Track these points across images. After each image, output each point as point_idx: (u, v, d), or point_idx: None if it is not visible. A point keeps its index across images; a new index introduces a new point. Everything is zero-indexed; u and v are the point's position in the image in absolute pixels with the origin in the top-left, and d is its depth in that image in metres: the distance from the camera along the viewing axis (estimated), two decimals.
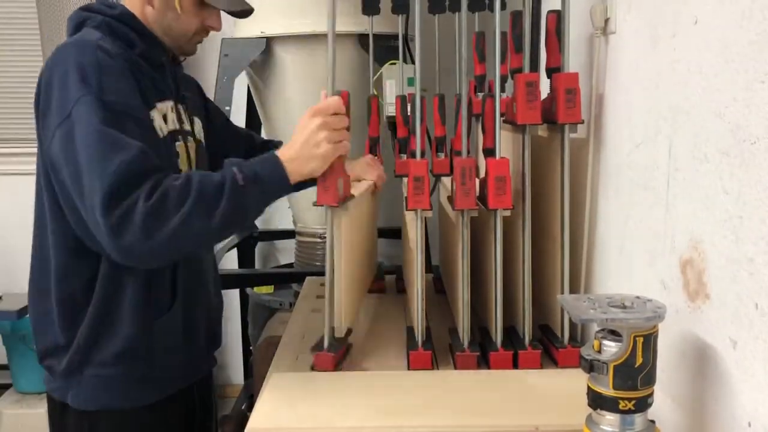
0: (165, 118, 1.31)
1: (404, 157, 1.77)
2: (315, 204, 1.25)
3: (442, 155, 1.75)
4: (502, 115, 1.32)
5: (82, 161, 1.12)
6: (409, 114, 1.72)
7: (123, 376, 1.30)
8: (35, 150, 1.27)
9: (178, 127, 1.35)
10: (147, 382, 1.33)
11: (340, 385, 1.22)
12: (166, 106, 1.32)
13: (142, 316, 1.29)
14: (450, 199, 1.36)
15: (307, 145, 1.19)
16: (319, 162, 1.20)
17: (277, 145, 1.69)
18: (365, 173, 1.65)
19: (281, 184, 1.20)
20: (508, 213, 1.29)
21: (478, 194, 1.31)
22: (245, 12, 1.41)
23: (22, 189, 3.26)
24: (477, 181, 1.31)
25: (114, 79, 1.18)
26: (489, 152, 1.31)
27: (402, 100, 1.79)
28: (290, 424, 1.06)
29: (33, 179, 1.31)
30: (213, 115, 1.64)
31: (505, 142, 1.46)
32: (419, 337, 1.35)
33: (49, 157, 1.19)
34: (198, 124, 1.47)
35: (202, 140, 1.47)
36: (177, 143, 1.34)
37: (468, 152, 1.32)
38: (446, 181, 1.71)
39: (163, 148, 1.27)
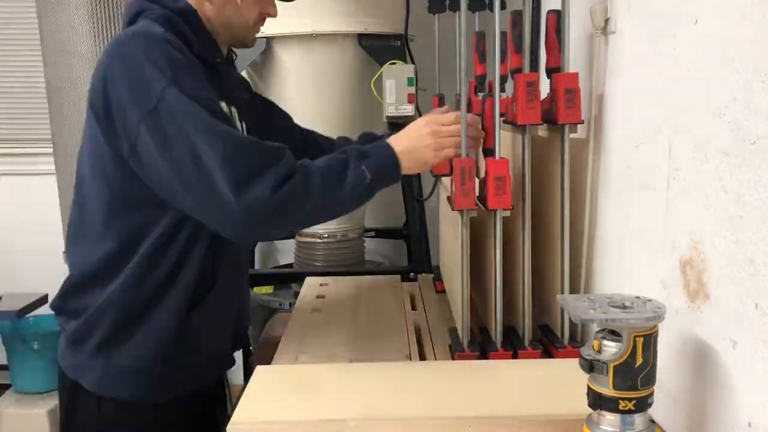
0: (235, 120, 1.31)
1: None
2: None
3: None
4: (502, 115, 1.32)
5: (184, 152, 1.11)
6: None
7: (150, 369, 1.27)
8: (35, 150, 1.26)
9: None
10: (172, 378, 1.30)
11: (327, 377, 1.21)
12: (221, 105, 1.29)
13: (182, 311, 1.27)
14: (449, 199, 1.36)
15: (412, 146, 1.28)
16: (420, 164, 1.29)
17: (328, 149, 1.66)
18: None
19: (395, 177, 1.27)
20: (507, 213, 1.29)
21: (477, 194, 1.31)
22: None
23: (23, 189, 3.27)
24: (477, 181, 1.30)
25: (186, 74, 1.16)
26: (489, 152, 1.31)
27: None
28: (273, 417, 1.05)
29: (33, 179, 1.30)
30: (272, 115, 1.63)
31: (505, 142, 1.46)
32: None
33: (133, 153, 1.16)
34: (243, 127, 1.44)
35: None
36: None
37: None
38: (445, 181, 1.71)
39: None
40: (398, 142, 1.28)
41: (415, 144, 1.28)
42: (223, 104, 1.28)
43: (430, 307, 1.71)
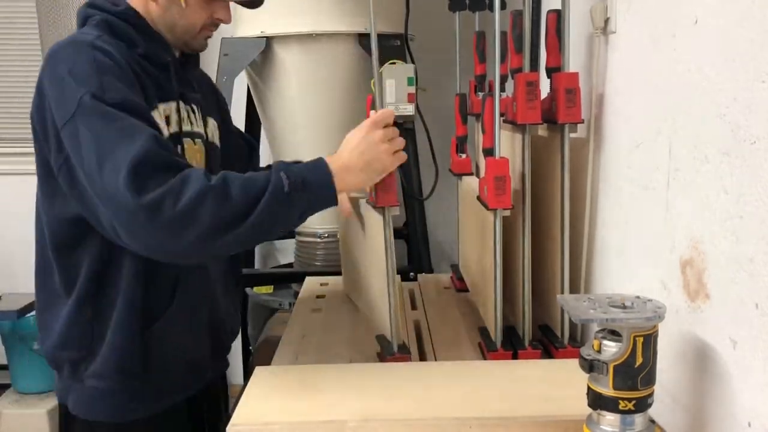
0: (168, 119, 1.26)
1: (463, 156, 1.77)
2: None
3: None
4: (502, 115, 1.32)
5: (94, 157, 1.07)
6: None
7: (119, 387, 1.26)
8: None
9: (178, 129, 1.29)
10: (144, 394, 1.28)
11: (326, 377, 1.20)
12: (170, 107, 1.27)
13: (134, 324, 1.23)
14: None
15: (364, 157, 1.17)
16: (376, 174, 1.20)
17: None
18: None
19: (328, 195, 1.14)
20: (507, 213, 1.29)
21: (477, 194, 1.32)
22: (257, 2, 1.37)
23: (22, 189, 3.26)
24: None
25: (112, 77, 1.14)
26: (488, 152, 1.31)
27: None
28: (272, 419, 1.04)
29: (33, 179, 1.29)
30: (227, 116, 1.60)
31: (505, 142, 1.46)
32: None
33: (63, 166, 1.15)
34: (212, 124, 1.42)
35: (216, 142, 1.42)
36: (179, 146, 1.28)
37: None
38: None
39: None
40: (340, 156, 1.18)
41: (366, 156, 1.18)
42: (173, 104, 1.27)
43: (430, 306, 1.71)
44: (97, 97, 1.10)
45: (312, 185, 1.12)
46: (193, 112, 1.35)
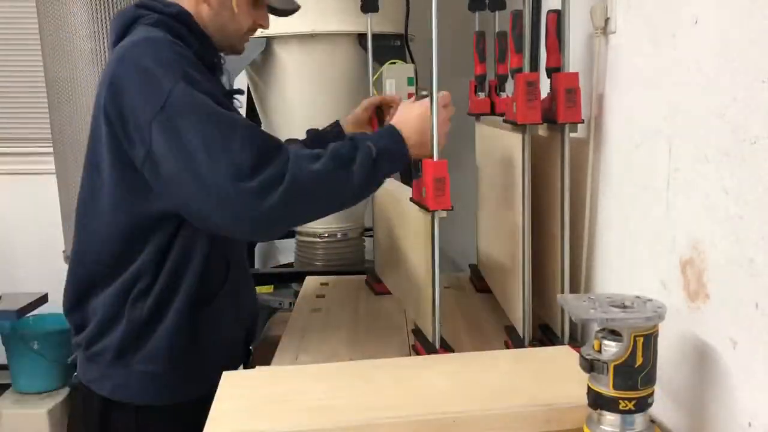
0: None
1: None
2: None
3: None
4: (501, 114, 1.32)
5: (194, 147, 1.11)
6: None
7: (169, 371, 1.29)
8: (35, 150, 1.26)
9: None
10: (192, 377, 1.31)
11: (299, 379, 1.15)
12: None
13: (190, 310, 1.28)
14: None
15: (426, 135, 1.27)
16: (428, 149, 1.28)
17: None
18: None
19: (402, 161, 1.27)
20: (444, 214, 1.29)
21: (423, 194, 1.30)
22: (292, 10, 1.45)
23: (22, 189, 3.27)
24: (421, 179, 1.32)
25: (195, 70, 1.18)
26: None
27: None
28: (245, 428, 0.98)
29: (33, 179, 1.29)
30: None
31: (505, 141, 1.46)
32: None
33: (148, 158, 1.16)
34: None
35: None
36: None
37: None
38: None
39: None
40: (405, 124, 1.29)
41: (424, 124, 1.28)
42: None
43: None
44: (189, 84, 1.14)
45: (392, 152, 1.25)
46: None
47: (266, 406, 1.05)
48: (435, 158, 1.27)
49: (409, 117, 1.30)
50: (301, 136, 1.67)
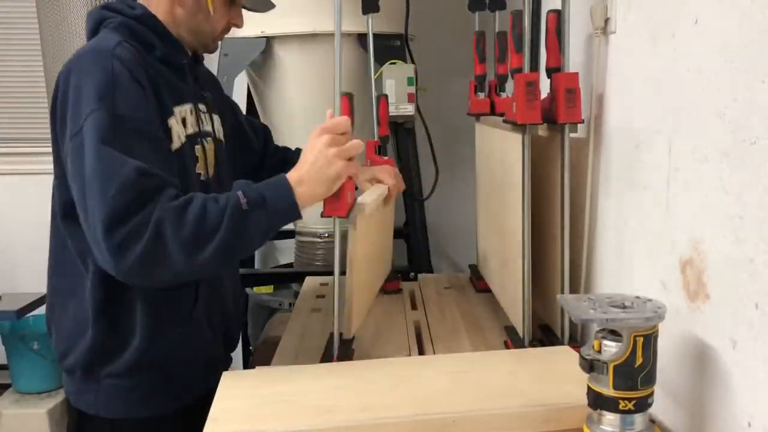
0: (184, 122, 1.28)
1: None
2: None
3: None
4: (501, 114, 1.32)
5: (86, 180, 1.10)
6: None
7: (139, 386, 1.27)
8: (35, 150, 1.27)
9: (197, 129, 1.32)
10: (165, 392, 1.30)
11: (299, 379, 1.15)
12: (185, 109, 1.29)
13: (155, 328, 1.25)
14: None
15: (316, 166, 1.14)
16: (331, 183, 1.16)
17: (292, 156, 1.69)
18: (382, 175, 1.54)
19: (289, 209, 1.14)
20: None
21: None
22: (264, 7, 1.44)
23: (22, 189, 3.27)
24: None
25: (128, 91, 1.15)
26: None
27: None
28: (245, 428, 0.99)
29: (33, 179, 1.30)
30: (237, 109, 1.64)
31: (505, 141, 1.46)
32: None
33: (65, 166, 1.17)
34: (217, 121, 1.44)
35: (222, 139, 1.45)
36: (199, 146, 1.31)
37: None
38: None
39: (176, 160, 1.24)
40: (298, 169, 1.16)
41: (318, 164, 1.15)
42: (188, 105, 1.30)
43: (430, 306, 1.71)
44: (108, 113, 1.11)
45: (270, 201, 1.12)
46: (205, 110, 1.39)
47: (266, 406, 1.05)
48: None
49: (302, 157, 1.18)
50: (301, 135, 1.67)
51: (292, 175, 1.16)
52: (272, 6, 1.46)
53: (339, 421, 0.99)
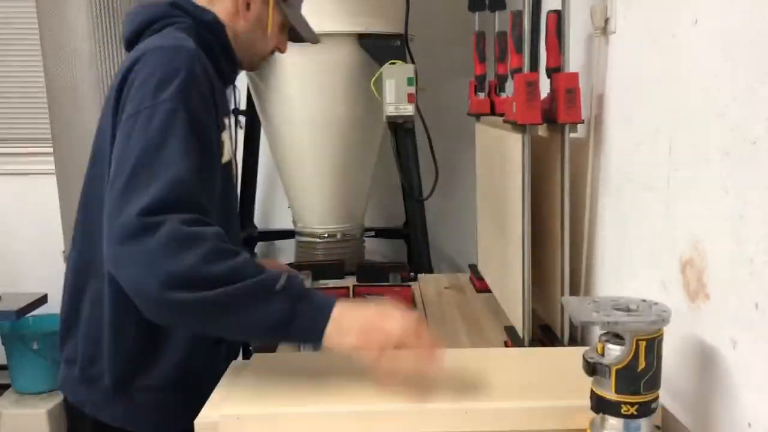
0: (231, 137, 1.26)
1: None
2: (509, 120, 1.22)
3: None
4: (501, 114, 1.32)
5: (144, 153, 1.02)
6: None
7: (173, 400, 1.23)
8: (35, 150, 1.25)
9: (234, 146, 1.32)
10: (193, 406, 1.14)
11: (312, 366, 1.16)
12: (228, 123, 1.26)
13: (193, 340, 1.22)
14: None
15: (362, 337, 1.00)
16: (356, 352, 1.01)
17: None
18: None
19: (317, 321, 1.00)
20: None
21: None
22: (313, 41, 1.46)
23: (22, 189, 3.27)
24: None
25: (203, 97, 1.11)
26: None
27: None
28: (238, 411, 0.99)
29: (33, 179, 1.29)
30: None
31: (505, 141, 1.46)
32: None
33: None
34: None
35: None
36: (234, 164, 1.30)
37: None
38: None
39: (224, 175, 1.21)
40: (343, 314, 1.01)
41: (367, 326, 1.00)
42: (226, 120, 1.25)
43: (430, 306, 1.71)
44: (183, 108, 1.06)
45: (309, 301, 1.01)
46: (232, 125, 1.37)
47: (267, 389, 1.05)
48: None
49: (359, 312, 1.03)
50: (301, 136, 1.67)
51: (340, 308, 1.02)
52: (317, 40, 1.47)
53: (349, 407, 0.99)
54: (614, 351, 0.86)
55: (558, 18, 1.32)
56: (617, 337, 0.87)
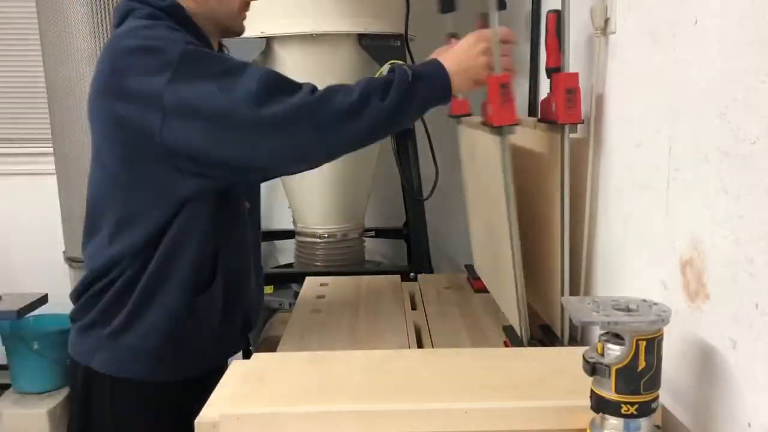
0: None
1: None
2: (486, 123, 1.28)
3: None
4: (485, 123, 1.31)
5: (216, 91, 1.15)
6: None
7: (160, 349, 1.30)
8: (35, 150, 1.27)
9: None
10: (179, 358, 1.33)
11: (304, 365, 1.17)
12: None
13: (186, 292, 1.29)
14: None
15: (462, 65, 1.26)
16: (471, 83, 1.28)
17: None
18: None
19: (444, 84, 1.26)
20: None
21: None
22: None
23: (22, 189, 3.27)
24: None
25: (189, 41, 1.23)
26: None
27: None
28: (238, 411, 0.99)
29: (33, 179, 1.31)
30: None
31: (486, 143, 1.46)
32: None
33: (165, 121, 1.17)
34: None
35: None
36: None
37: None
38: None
39: None
40: (447, 59, 1.28)
41: (466, 62, 1.27)
42: None
43: (430, 306, 1.71)
44: (190, 49, 1.18)
45: (429, 76, 1.26)
46: None
47: (267, 389, 1.05)
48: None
49: (449, 50, 1.32)
50: None
51: (445, 62, 1.27)
52: None
53: (349, 407, 0.99)
54: (614, 351, 0.86)
55: (558, 18, 1.32)
56: (617, 337, 0.87)
